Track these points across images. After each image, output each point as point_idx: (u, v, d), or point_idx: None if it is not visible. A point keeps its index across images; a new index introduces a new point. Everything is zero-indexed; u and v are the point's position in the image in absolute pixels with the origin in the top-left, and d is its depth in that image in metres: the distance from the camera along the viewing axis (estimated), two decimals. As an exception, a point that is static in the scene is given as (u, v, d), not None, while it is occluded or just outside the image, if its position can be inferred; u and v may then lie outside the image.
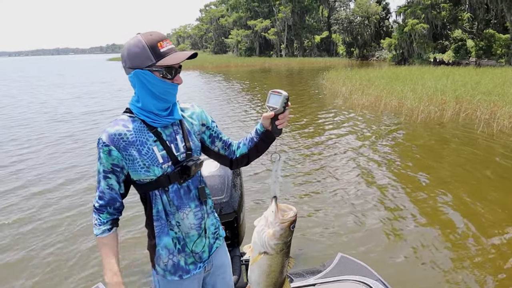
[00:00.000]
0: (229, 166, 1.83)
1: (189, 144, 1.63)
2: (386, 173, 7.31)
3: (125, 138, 1.52)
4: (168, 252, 1.64)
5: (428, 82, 16.21)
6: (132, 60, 1.48)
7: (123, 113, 1.60)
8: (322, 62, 47.90)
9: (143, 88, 1.51)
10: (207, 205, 1.73)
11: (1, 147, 10.05)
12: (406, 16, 41.79)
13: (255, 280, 1.55)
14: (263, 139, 1.67)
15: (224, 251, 1.89)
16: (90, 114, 14.98)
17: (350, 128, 11.40)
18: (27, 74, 48.40)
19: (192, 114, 1.71)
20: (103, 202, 1.59)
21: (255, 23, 63.14)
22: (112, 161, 1.53)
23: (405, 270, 4.16)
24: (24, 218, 5.72)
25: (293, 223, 1.48)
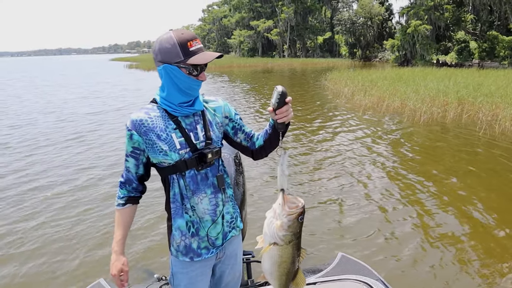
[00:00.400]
0: (251, 156, 1.90)
1: (209, 134, 1.73)
2: (387, 174, 7.36)
3: (145, 124, 1.65)
4: (181, 233, 1.75)
5: (431, 83, 16.25)
6: (163, 55, 1.61)
7: (150, 102, 1.74)
8: (325, 63, 47.96)
9: (170, 81, 1.64)
10: (225, 194, 1.81)
11: (9, 147, 10.14)
12: (409, 17, 41.81)
13: (268, 270, 1.61)
14: (273, 132, 1.73)
15: (238, 243, 1.95)
16: (96, 114, 15.01)
17: (352, 129, 11.44)
18: (30, 74, 48.56)
19: (216, 107, 1.82)
20: (123, 179, 1.79)
21: (257, 23, 63.23)
22: (133, 144, 1.69)
23: (406, 271, 4.17)
24: (28, 215, 5.79)
25: (301, 215, 1.52)
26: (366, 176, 7.23)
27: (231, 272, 1.95)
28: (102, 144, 10.19)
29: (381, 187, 6.64)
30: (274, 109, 1.57)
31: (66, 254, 4.66)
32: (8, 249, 4.85)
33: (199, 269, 1.81)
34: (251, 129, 1.91)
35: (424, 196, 6.19)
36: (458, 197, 6.13)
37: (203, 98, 1.80)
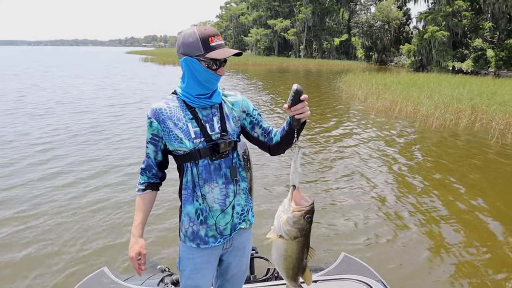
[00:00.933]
0: (268, 152, 1.94)
1: (225, 126, 1.80)
2: (395, 178, 7.53)
3: (164, 112, 1.76)
4: (189, 219, 1.82)
5: (445, 89, 16.26)
6: (185, 48, 1.71)
7: (171, 94, 1.85)
8: (340, 65, 47.76)
9: (190, 73, 1.74)
10: (238, 186, 1.86)
11: (29, 134, 10.45)
12: (427, 23, 41.51)
13: (275, 260, 1.68)
14: (289, 129, 1.76)
15: (247, 236, 1.98)
16: (114, 107, 15.20)
17: (364, 131, 11.60)
18: (47, 64, 48.84)
19: (234, 101, 1.89)
20: (143, 166, 1.89)
21: (275, 22, 63.22)
22: (152, 131, 1.79)
23: (409, 275, 4.23)
24: (43, 203, 6.05)
25: (308, 214, 1.55)
26: (375, 178, 7.40)
27: (238, 265, 1.98)
28: (120, 136, 10.45)
29: (390, 191, 6.80)
30: (289, 106, 1.61)
31: (72, 242, 4.75)
32: (20, 234, 5.02)
33: (205, 256, 1.85)
34: (269, 125, 1.94)
35: (431, 202, 6.29)
36: (466, 204, 6.22)
37: (222, 92, 1.87)
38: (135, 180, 6.81)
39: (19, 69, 37.21)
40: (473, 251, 4.75)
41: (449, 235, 5.15)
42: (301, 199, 1.56)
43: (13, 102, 15.73)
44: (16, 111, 13.64)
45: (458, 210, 5.95)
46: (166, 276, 3.12)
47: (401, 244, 4.91)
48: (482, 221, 5.56)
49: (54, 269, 4.19)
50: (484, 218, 5.66)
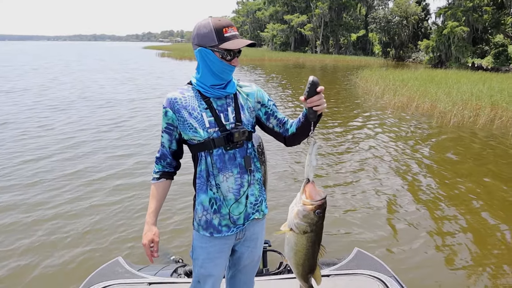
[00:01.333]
0: (283, 142, 1.94)
1: (240, 116, 1.81)
2: (411, 175, 7.46)
3: (179, 102, 1.78)
4: (203, 208, 1.83)
5: (464, 86, 15.99)
6: (200, 39, 1.72)
7: (186, 84, 1.87)
8: (357, 61, 47.31)
9: (204, 64, 1.75)
10: (253, 176, 1.87)
11: (52, 129, 10.63)
12: (446, 18, 40.75)
13: (287, 254, 1.68)
14: (305, 121, 1.76)
15: (260, 227, 1.99)
16: (132, 101, 15.30)
17: (379, 127, 11.50)
18: (67, 58, 49.57)
19: (249, 92, 1.90)
20: (158, 155, 1.91)
21: (291, 17, 62.88)
22: (168, 120, 1.81)
23: (423, 273, 4.20)
24: (63, 196, 6.18)
25: (318, 209, 1.52)
26: (390, 174, 7.36)
27: (250, 255, 2.00)
28: (141, 130, 10.56)
29: (406, 188, 6.75)
30: (305, 98, 1.61)
31: (88, 232, 4.86)
32: (39, 223, 5.19)
33: (217, 246, 1.87)
34: (284, 116, 1.94)
35: (449, 200, 6.22)
36: (485, 202, 6.14)
37: (237, 83, 1.88)
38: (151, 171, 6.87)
39: (40, 63, 37.83)
40: (495, 253, 4.68)
41: (468, 236, 5.07)
42: (314, 193, 1.53)
43: (35, 96, 15.97)
44: (37, 105, 13.87)
45: (476, 210, 5.86)
46: (180, 267, 3.16)
47: (418, 243, 4.85)
48: (501, 223, 5.47)
49: (70, 258, 4.29)
50: (504, 219, 5.57)
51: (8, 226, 4.96)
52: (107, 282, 2.74)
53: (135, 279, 2.80)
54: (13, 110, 12.73)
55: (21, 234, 4.77)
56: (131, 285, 2.75)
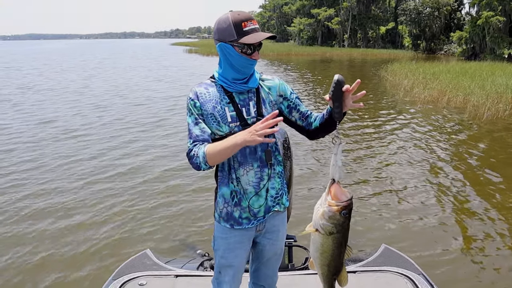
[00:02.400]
0: (306, 136, 1.95)
1: (261, 111, 1.81)
2: (443, 170, 7.22)
3: (204, 97, 1.79)
4: (224, 200, 1.86)
5: (499, 78, 15.33)
6: (219, 34, 1.73)
7: (209, 78, 1.87)
8: (386, 54, 46.31)
9: (225, 59, 1.76)
10: (273, 169, 1.87)
11: (92, 129, 10.83)
12: (481, 8, 39.24)
13: (313, 254, 1.66)
14: (329, 117, 1.76)
15: (281, 219, 2.00)
16: (168, 99, 15.27)
17: (408, 122, 11.23)
18: (102, 56, 50.75)
19: (271, 86, 1.89)
20: (197, 142, 1.74)
21: (318, 11, 62.14)
22: (198, 111, 1.78)
23: (454, 271, 4.08)
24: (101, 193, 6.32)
25: (344, 210, 1.50)
26: (418, 171, 7.16)
27: (272, 248, 2.01)
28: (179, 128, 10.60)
29: (435, 184, 6.53)
30: (330, 97, 1.61)
31: (118, 226, 5.05)
32: (74, 213, 5.41)
33: (238, 237, 1.90)
34: (307, 109, 1.94)
35: (478, 198, 6.00)
36: None
37: (260, 77, 1.88)
38: (184, 165, 6.99)
39: (76, 62, 39.03)
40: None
41: (502, 236, 4.83)
42: (340, 194, 1.51)
43: (75, 94, 16.42)
44: (78, 103, 14.27)
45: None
46: (206, 260, 3.24)
47: (448, 241, 4.70)
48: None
49: (100, 250, 4.46)
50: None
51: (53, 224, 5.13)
52: (136, 273, 2.85)
53: (162, 271, 2.90)
54: (56, 109, 13.12)
55: (61, 225, 4.98)
56: (159, 277, 2.84)
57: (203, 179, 6.34)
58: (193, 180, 6.48)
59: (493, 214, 5.37)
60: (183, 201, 5.76)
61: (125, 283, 2.74)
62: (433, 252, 4.42)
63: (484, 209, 5.54)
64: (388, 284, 2.69)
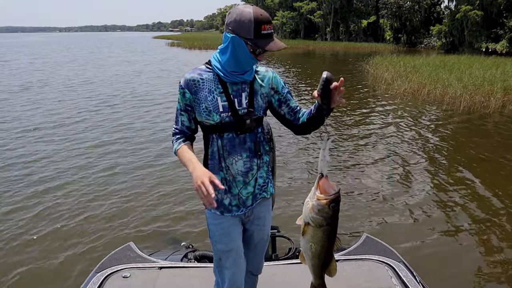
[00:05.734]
0: (293, 131, 1.98)
1: (253, 103, 1.85)
2: (420, 161, 7.44)
3: (197, 84, 1.80)
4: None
5: (476, 71, 15.68)
6: (236, 27, 1.69)
7: (204, 63, 1.87)
8: (368, 48, 46.65)
9: (232, 50, 1.74)
10: (261, 159, 1.92)
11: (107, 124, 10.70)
12: (459, 2, 39.88)
13: (303, 248, 1.72)
14: (316, 113, 1.79)
15: (267, 206, 2.06)
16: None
17: (389, 114, 11.47)
18: (99, 50, 49.17)
19: (264, 77, 1.90)
20: (178, 131, 1.89)
21: (301, 5, 62.18)
22: (186, 101, 1.82)
23: (433, 258, 4.23)
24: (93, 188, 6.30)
25: (333, 203, 1.55)
26: (398, 160, 7.35)
27: (260, 234, 2.07)
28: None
29: (415, 174, 6.73)
30: (319, 94, 1.62)
31: (101, 219, 5.05)
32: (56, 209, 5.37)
33: (230, 220, 1.94)
34: (297, 105, 1.96)
35: (455, 185, 6.20)
36: (497, 190, 6.07)
37: (255, 68, 1.89)
38: (169, 160, 7.03)
39: (62, 58, 37.98)
40: (502, 237, 4.68)
41: (477, 222, 5.03)
42: (328, 188, 1.56)
43: (82, 94, 15.89)
44: (88, 105, 13.91)
45: (489, 196, 5.81)
46: (190, 252, 3.23)
47: (428, 230, 4.85)
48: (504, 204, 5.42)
49: (83, 244, 4.45)
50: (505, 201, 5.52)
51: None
52: (120, 266, 2.84)
53: (146, 263, 2.89)
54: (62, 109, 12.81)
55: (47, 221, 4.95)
56: (143, 269, 2.84)
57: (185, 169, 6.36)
58: (176, 175, 6.52)
59: (469, 204, 5.56)
60: (167, 195, 5.77)
61: (108, 276, 2.73)
62: (413, 241, 4.56)
63: (460, 198, 5.74)
64: (369, 272, 2.76)
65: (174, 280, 2.76)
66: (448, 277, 3.89)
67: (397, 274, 2.68)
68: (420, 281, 2.63)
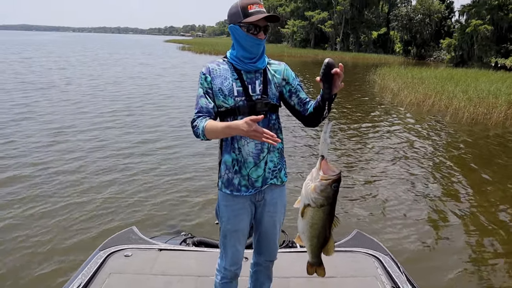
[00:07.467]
0: (302, 121, 2.10)
1: (266, 90, 2.01)
2: (417, 166, 7.66)
3: (215, 72, 1.99)
4: (225, 167, 2.04)
5: (482, 84, 15.80)
6: (230, 17, 1.96)
7: (222, 58, 2.07)
8: (377, 59, 46.72)
9: (235, 39, 1.98)
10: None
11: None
12: (470, 16, 40.02)
13: (301, 229, 1.75)
14: (322, 101, 1.88)
15: (280, 193, 2.15)
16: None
17: (393, 122, 11.66)
18: (116, 52, 47.87)
19: (276, 69, 2.08)
20: (201, 113, 1.96)
21: (312, 14, 62.46)
22: (207, 85, 1.99)
23: (418, 254, 4.47)
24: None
25: (335, 183, 1.61)
26: (399, 167, 7.55)
27: (270, 220, 2.15)
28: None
29: (410, 177, 6.98)
30: (320, 79, 1.73)
31: (105, 204, 5.34)
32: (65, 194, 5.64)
33: (240, 203, 2.06)
34: (307, 97, 2.08)
35: (457, 193, 6.43)
36: (490, 197, 6.28)
37: (268, 61, 2.06)
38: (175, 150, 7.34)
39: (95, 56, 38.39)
40: (489, 238, 4.90)
41: (463, 224, 5.27)
42: (328, 169, 1.63)
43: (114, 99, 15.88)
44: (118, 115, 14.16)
45: (481, 201, 6.03)
46: (188, 238, 3.45)
47: (415, 228, 5.08)
48: (500, 211, 5.65)
49: (88, 226, 4.72)
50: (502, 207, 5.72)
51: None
52: (122, 246, 3.06)
53: (147, 245, 3.11)
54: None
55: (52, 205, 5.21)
56: (144, 250, 3.05)
57: (193, 164, 6.66)
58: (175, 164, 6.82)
59: (455, 204, 5.85)
60: (170, 185, 6.06)
61: (111, 254, 2.95)
62: (401, 237, 4.82)
63: (446, 200, 6.01)
64: (357, 263, 2.97)
65: (173, 261, 2.96)
66: (431, 270, 4.13)
67: (383, 265, 2.89)
68: (404, 271, 2.83)
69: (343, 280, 2.77)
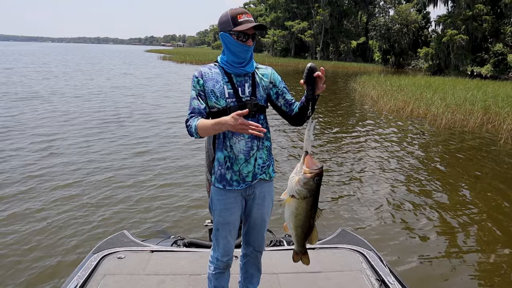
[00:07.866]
0: (289, 121, 2.27)
1: (255, 92, 2.16)
2: (400, 169, 7.72)
3: (207, 75, 2.14)
4: (218, 164, 2.18)
5: (459, 92, 16.18)
6: (221, 25, 2.11)
7: (213, 62, 2.22)
8: (357, 68, 47.58)
9: (225, 46, 2.12)
10: (262, 142, 2.18)
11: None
12: (446, 26, 41.12)
13: (287, 218, 1.91)
14: (305, 102, 2.04)
15: (268, 188, 2.30)
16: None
17: (373, 129, 11.76)
18: (100, 64, 47.72)
19: (264, 73, 2.25)
20: (194, 114, 2.11)
21: (292, 24, 63.23)
22: (200, 87, 2.13)
23: (401, 249, 4.60)
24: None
25: (317, 176, 1.76)
26: (379, 172, 7.61)
27: (258, 213, 2.29)
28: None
29: (390, 177, 7.08)
30: (304, 82, 1.90)
31: (96, 209, 5.36)
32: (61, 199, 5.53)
33: (231, 197, 2.20)
34: (292, 98, 2.26)
35: (434, 193, 6.54)
36: (466, 195, 6.49)
37: (256, 66, 2.23)
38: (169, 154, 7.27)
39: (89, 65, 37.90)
40: (463, 235, 4.99)
41: (443, 222, 5.40)
42: (312, 164, 1.76)
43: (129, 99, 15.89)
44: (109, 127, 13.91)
45: (459, 200, 6.21)
46: (179, 240, 3.51)
47: (399, 225, 5.25)
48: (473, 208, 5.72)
49: (80, 231, 4.77)
50: (480, 205, 5.83)
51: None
52: (115, 248, 3.13)
53: (139, 247, 3.19)
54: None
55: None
56: (136, 252, 3.13)
57: (181, 169, 6.66)
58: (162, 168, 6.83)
59: (436, 204, 5.96)
60: (158, 190, 6.11)
61: (104, 257, 3.02)
62: (385, 235, 4.93)
63: (424, 198, 6.10)
64: (342, 258, 3.06)
65: (165, 261, 3.04)
66: (413, 262, 4.31)
67: (367, 260, 2.98)
68: (387, 265, 2.92)
69: (329, 275, 2.88)
